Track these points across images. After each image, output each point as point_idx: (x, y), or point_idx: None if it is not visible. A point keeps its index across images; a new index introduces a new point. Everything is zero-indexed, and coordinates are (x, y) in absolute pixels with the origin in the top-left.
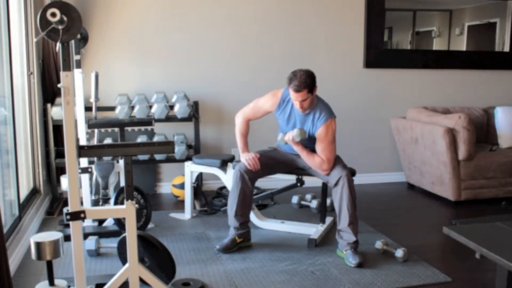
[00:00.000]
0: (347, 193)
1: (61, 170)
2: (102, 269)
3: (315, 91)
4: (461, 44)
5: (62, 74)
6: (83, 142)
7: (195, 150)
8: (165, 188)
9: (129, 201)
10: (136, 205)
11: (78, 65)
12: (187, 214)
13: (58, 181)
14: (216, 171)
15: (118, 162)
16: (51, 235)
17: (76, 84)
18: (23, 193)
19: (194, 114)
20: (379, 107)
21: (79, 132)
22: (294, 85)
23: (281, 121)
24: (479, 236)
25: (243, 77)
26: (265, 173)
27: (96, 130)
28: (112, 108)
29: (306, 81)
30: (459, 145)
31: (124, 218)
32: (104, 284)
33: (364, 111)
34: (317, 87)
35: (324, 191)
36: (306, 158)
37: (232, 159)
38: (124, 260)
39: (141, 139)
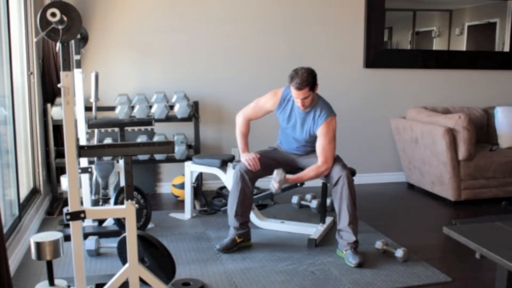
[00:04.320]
0: (347, 193)
1: (61, 170)
2: (102, 269)
3: (316, 89)
4: (461, 44)
5: (62, 74)
6: (83, 142)
7: (195, 150)
8: (165, 188)
9: (129, 201)
10: (136, 205)
11: (78, 65)
12: (187, 214)
13: (58, 181)
14: (216, 171)
15: (118, 162)
16: (51, 235)
17: (76, 84)
18: (23, 193)
19: (194, 114)
20: (379, 107)
21: (79, 132)
22: (296, 83)
23: (281, 120)
24: (479, 236)
25: (243, 77)
26: (265, 173)
27: (96, 130)
28: (112, 108)
29: (308, 79)
30: (459, 145)
31: (124, 218)
32: (104, 284)
33: (364, 111)
34: (318, 85)
35: (324, 191)
36: (307, 178)
37: (232, 159)
38: (124, 260)
39: (141, 139)
